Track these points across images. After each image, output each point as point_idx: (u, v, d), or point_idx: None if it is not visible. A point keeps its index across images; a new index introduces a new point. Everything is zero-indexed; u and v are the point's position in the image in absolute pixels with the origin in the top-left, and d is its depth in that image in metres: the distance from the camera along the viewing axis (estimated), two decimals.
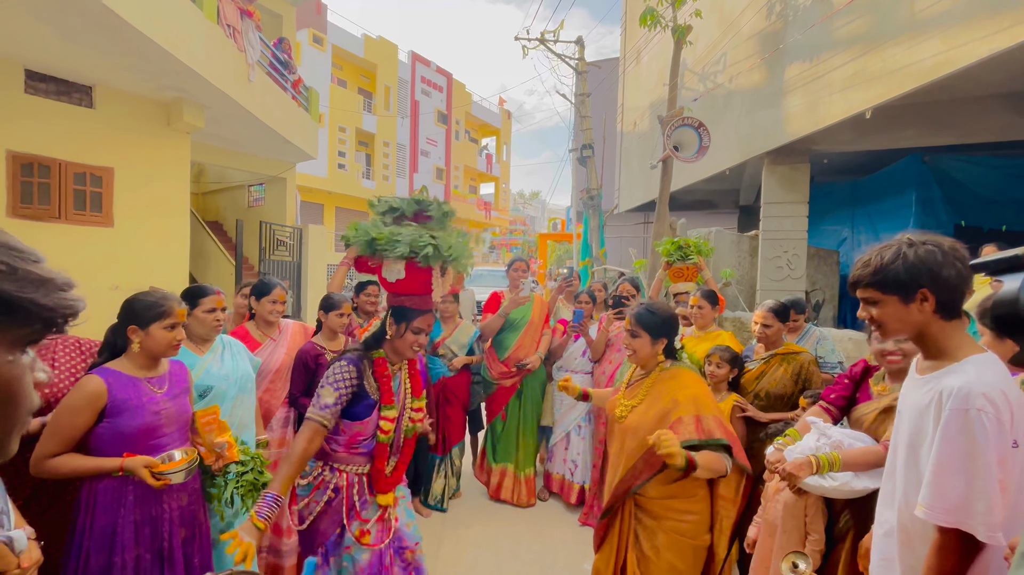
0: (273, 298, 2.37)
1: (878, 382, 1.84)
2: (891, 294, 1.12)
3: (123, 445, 1.47)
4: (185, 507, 1.60)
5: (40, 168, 5.19)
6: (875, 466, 1.62)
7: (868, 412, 1.78)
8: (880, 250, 1.16)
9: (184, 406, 1.65)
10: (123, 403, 1.48)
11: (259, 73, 6.57)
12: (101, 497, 1.46)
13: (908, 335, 1.17)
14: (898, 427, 1.23)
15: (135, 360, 1.56)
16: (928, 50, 3.96)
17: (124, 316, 1.56)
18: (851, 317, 7.82)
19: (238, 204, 10.30)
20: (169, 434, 1.57)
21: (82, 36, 4.48)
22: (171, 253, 6.16)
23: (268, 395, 2.29)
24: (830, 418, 1.87)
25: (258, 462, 1.70)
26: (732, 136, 6.83)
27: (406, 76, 21.98)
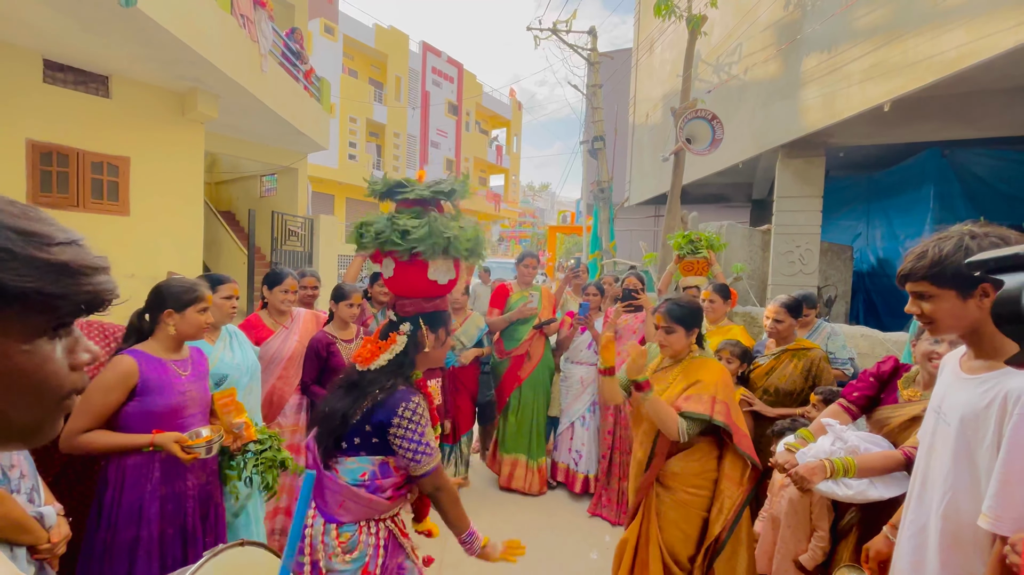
0: (284, 287, 2.41)
1: (907, 385, 1.75)
2: (948, 288, 1.07)
3: (151, 423, 1.53)
4: (203, 486, 1.66)
5: (59, 157, 5.28)
6: (891, 472, 1.57)
7: (894, 416, 1.70)
8: (937, 241, 1.10)
9: (204, 389, 1.71)
10: (153, 383, 1.54)
11: (272, 63, 6.60)
12: (130, 473, 1.51)
13: (960, 332, 1.11)
14: (935, 428, 1.16)
15: (163, 343, 1.62)
16: (951, 41, 3.86)
17: (157, 301, 1.62)
18: (864, 313, 7.72)
19: (250, 194, 10.39)
20: (192, 415, 1.63)
21: (99, 26, 4.53)
22: (185, 242, 6.25)
23: (281, 383, 2.34)
24: (849, 417, 1.81)
25: (276, 440, 1.75)
26: (746, 129, 6.74)
27: (417, 66, 21.89)
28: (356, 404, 1.39)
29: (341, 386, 1.48)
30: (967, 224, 1.12)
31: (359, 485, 1.38)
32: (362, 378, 1.43)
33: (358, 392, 1.41)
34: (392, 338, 1.45)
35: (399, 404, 1.38)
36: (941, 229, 1.14)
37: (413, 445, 1.36)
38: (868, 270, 7.75)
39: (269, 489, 1.72)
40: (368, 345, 1.47)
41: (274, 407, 2.35)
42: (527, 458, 3.50)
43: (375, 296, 3.06)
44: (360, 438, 1.38)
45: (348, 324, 2.54)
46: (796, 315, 2.57)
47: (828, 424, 1.73)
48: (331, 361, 2.38)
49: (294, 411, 2.40)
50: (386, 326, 1.50)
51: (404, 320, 1.46)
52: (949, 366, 1.21)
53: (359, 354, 1.47)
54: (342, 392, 1.45)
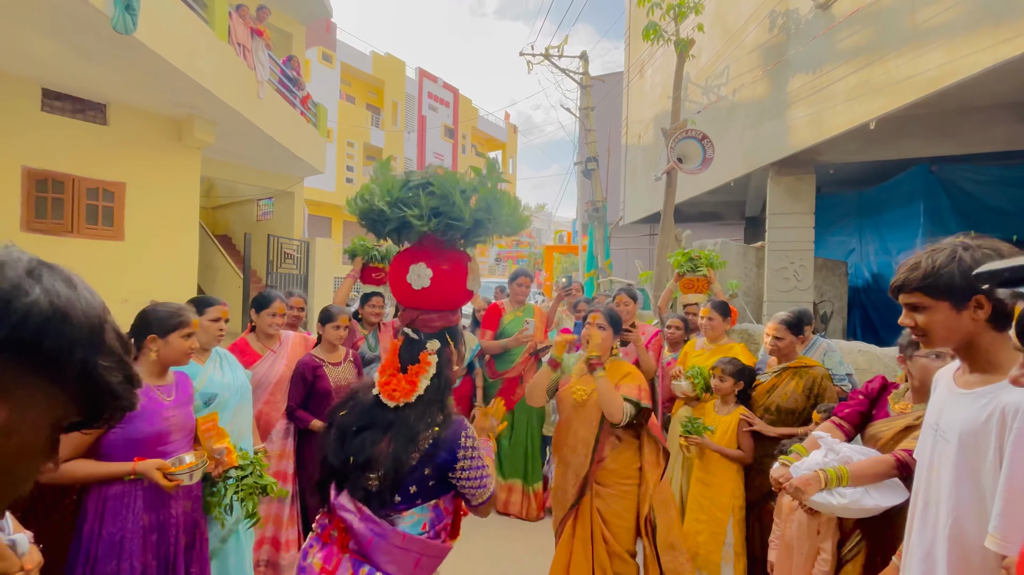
0: (272, 311, 2.39)
1: (898, 400, 1.75)
2: (942, 300, 1.06)
3: (133, 451, 1.49)
4: (188, 514, 1.61)
5: (54, 183, 5.31)
6: (884, 478, 1.56)
7: (886, 430, 1.70)
8: (930, 253, 1.09)
9: (189, 415, 1.67)
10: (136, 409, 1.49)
11: (268, 90, 6.71)
12: (111, 503, 1.46)
13: (954, 345, 1.10)
14: (934, 446, 1.13)
15: (146, 368, 1.59)
16: (931, 61, 3.96)
17: (141, 326, 1.59)
18: (861, 328, 7.71)
19: (247, 218, 10.44)
20: (176, 441, 1.59)
21: (98, 56, 4.61)
22: (180, 266, 6.24)
23: (268, 407, 2.30)
24: (843, 434, 1.80)
25: (257, 465, 1.71)
26: (736, 148, 6.84)
27: (413, 92, 22.31)
28: (409, 447, 1.18)
29: (363, 427, 1.23)
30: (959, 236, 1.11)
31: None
32: (400, 415, 1.22)
33: (404, 432, 1.20)
34: (424, 360, 1.24)
35: (459, 435, 1.22)
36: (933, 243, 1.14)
37: (478, 473, 1.23)
38: (863, 285, 7.78)
39: (251, 516, 1.67)
40: (395, 377, 1.24)
41: (260, 432, 2.30)
42: (523, 483, 3.42)
43: (366, 317, 3.04)
44: (417, 485, 1.19)
45: (336, 347, 2.50)
46: (797, 332, 2.52)
47: (820, 437, 1.72)
48: (317, 385, 2.34)
49: (281, 437, 2.35)
50: (406, 348, 1.27)
51: (430, 337, 1.27)
52: (943, 382, 1.19)
53: (391, 389, 1.23)
54: (374, 435, 1.21)
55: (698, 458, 2.57)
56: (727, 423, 2.51)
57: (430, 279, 1.22)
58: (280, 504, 2.26)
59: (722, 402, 2.58)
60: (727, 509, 2.47)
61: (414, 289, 1.24)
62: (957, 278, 1.04)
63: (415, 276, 1.22)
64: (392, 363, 1.27)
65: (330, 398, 2.32)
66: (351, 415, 1.27)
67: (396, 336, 1.35)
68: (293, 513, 2.31)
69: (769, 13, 5.99)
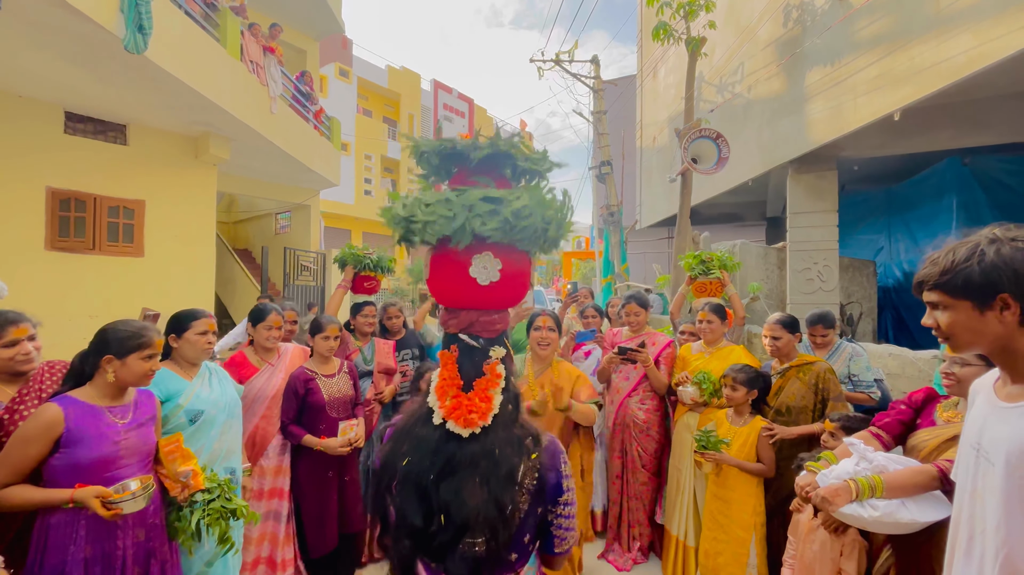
0: (268, 324, 2.35)
1: (948, 409, 1.59)
2: (961, 299, 0.95)
3: (77, 477, 1.41)
4: (141, 543, 1.50)
5: (77, 203, 5.48)
6: (924, 490, 1.39)
7: (930, 439, 1.54)
8: (956, 246, 0.99)
9: (148, 436, 1.58)
10: (80, 433, 1.42)
11: (281, 105, 6.82)
12: (52, 533, 1.38)
13: (986, 350, 0.98)
14: (976, 468, 0.99)
15: (100, 389, 1.51)
16: (958, 46, 3.74)
17: (99, 345, 1.51)
18: (893, 331, 7.34)
19: (265, 232, 10.64)
20: (129, 466, 1.50)
21: (115, 78, 4.75)
22: (198, 280, 6.36)
23: (265, 422, 2.25)
24: (880, 445, 1.64)
25: (226, 488, 1.62)
26: (753, 146, 6.63)
27: (429, 104, 22.55)
28: (510, 485, 0.93)
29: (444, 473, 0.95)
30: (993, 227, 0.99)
31: None
32: (483, 445, 0.96)
33: (496, 467, 0.94)
34: (493, 371, 1.02)
35: (558, 457, 1.01)
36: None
37: (573, 509, 1.01)
38: (894, 285, 7.41)
39: (223, 542, 1.59)
40: (462, 397, 1.00)
41: (257, 447, 2.25)
42: None
43: (359, 328, 2.96)
44: (531, 531, 0.97)
45: (328, 359, 2.43)
46: (793, 331, 2.49)
47: (851, 444, 1.56)
48: (309, 398, 2.28)
49: (277, 452, 2.30)
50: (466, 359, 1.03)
51: (492, 343, 1.05)
52: (983, 393, 1.04)
53: (465, 412, 0.98)
54: (463, 480, 0.94)
55: (714, 474, 2.42)
56: (744, 435, 2.36)
57: (499, 271, 1.01)
58: (275, 523, 2.21)
59: (736, 412, 2.43)
60: (748, 527, 2.31)
61: (480, 285, 1.01)
62: (976, 275, 0.93)
63: (481, 269, 1.02)
64: (451, 380, 1.02)
65: (324, 412, 2.26)
66: (418, 458, 0.97)
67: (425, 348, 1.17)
68: (289, 531, 2.25)
69: (783, 6, 5.81)
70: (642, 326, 2.97)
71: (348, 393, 2.41)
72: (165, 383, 1.80)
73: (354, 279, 2.93)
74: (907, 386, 4.19)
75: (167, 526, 1.59)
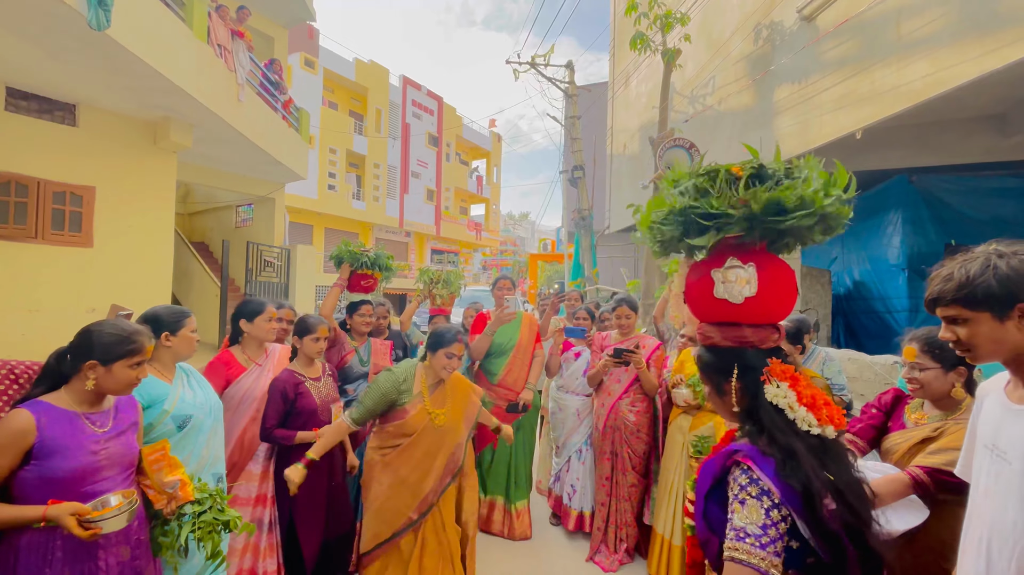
0: (267, 316, 2.25)
1: (915, 410, 1.69)
2: (981, 311, 1.01)
3: (52, 491, 1.26)
4: (127, 563, 1.36)
5: (17, 187, 5.03)
6: (899, 497, 1.46)
7: (902, 442, 1.63)
8: (963, 262, 1.05)
9: (130, 444, 1.43)
10: (54, 443, 1.28)
11: (249, 93, 6.52)
12: (23, 555, 1.24)
13: (1002, 359, 1.04)
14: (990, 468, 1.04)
15: (77, 394, 1.36)
16: (916, 72, 4.02)
17: (83, 348, 1.36)
18: (844, 336, 7.81)
19: (225, 225, 10.13)
20: (109, 478, 1.36)
21: (67, 54, 4.39)
22: (153, 274, 5.97)
23: (253, 424, 2.12)
24: (857, 451, 1.72)
25: (218, 499, 1.50)
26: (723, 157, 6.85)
27: (397, 99, 22.19)
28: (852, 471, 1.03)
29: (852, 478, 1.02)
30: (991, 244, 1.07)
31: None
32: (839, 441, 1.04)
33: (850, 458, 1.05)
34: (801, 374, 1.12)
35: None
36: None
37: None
38: (845, 293, 7.89)
39: (214, 557, 1.47)
40: (817, 398, 1.05)
41: (245, 451, 2.12)
42: (505, 501, 3.25)
43: (356, 328, 2.86)
44: None
45: (313, 361, 2.31)
46: (797, 342, 2.49)
47: None
48: (299, 402, 2.16)
49: (266, 457, 2.17)
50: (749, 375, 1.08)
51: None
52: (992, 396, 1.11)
53: (830, 416, 1.02)
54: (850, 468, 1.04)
55: None
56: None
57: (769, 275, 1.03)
58: (258, 532, 2.08)
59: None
60: None
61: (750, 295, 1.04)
62: (995, 286, 0.99)
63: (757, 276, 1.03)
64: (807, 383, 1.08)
65: (316, 416, 2.15)
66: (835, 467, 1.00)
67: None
68: (272, 541, 2.12)
69: (754, 25, 6.07)
70: (632, 329, 3.01)
71: (334, 396, 2.32)
72: (147, 388, 1.64)
73: (350, 277, 2.82)
74: (864, 388, 4.47)
75: (151, 541, 1.46)
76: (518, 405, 3.18)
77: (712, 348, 1.13)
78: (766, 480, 0.95)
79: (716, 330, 1.11)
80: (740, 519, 0.95)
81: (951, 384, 1.57)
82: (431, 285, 3.62)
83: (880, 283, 6.99)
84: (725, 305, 1.07)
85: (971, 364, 1.57)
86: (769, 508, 0.93)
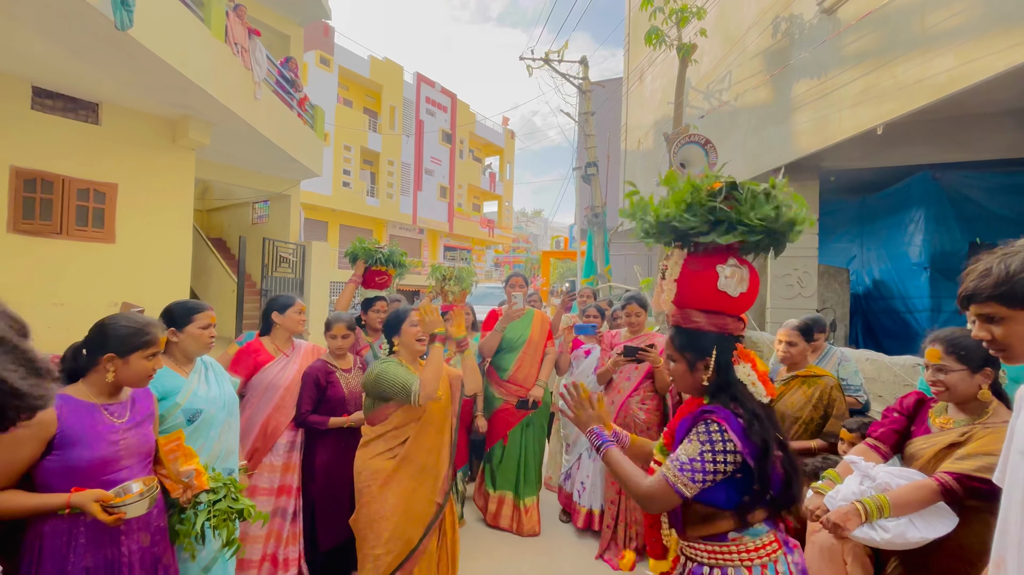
0: (298, 308, 2.40)
1: (940, 414, 1.63)
2: (1020, 309, 0.96)
3: (74, 480, 1.31)
4: (147, 549, 1.41)
5: (43, 184, 5.17)
6: (928, 504, 1.43)
7: (927, 447, 1.57)
8: (1001, 257, 0.99)
9: (147, 435, 1.48)
10: (75, 433, 1.32)
11: (265, 91, 6.60)
12: (48, 541, 1.28)
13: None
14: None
15: (95, 386, 1.41)
16: (941, 65, 3.91)
17: (98, 341, 1.41)
18: (863, 336, 7.66)
19: (242, 221, 10.29)
20: (128, 467, 1.41)
21: (90, 54, 4.49)
22: (172, 269, 6.09)
23: (278, 413, 2.21)
24: (879, 456, 1.67)
25: (232, 487, 1.54)
26: (739, 153, 6.79)
27: (411, 96, 22.28)
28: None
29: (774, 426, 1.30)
30: None
31: None
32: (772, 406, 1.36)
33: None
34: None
35: None
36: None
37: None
38: (864, 292, 7.74)
39: (229, 544, 1.52)
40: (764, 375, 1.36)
41: (268, 439, 2.19)
42: (514, 496, 3.27)
43: (370, 323, 2.92)
44: None
45: (344, 354, 2.48)
46: (809, 338, 2.47)
47: (852, 462, 1.58)
48: (330, 391, 2.30)
49: (286, 449, 2.24)
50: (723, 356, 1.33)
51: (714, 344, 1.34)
52: None
53: (771, 390, 1.33)
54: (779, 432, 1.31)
55: None
56: None
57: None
58: (281, 520, 2.15)
59: None
60: None
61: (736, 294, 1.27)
62: None
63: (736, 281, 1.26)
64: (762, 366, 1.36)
65: (344, 404, 2.29)
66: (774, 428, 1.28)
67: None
68: (295, 530, 2.19)
69: (773, 19, 5.96)
70: (642, 327, 3.00)
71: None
72: (161, 380, 1.69)
73: (365, 274, 2.87)
74: (883, 390, 4.37)
75: (169, 529, 1.51)
76: (528, 402, 3.19)
77: (691, 331, 1.32)
78: (733, 438, 1.19)
79: (703, 316, 1.30)
80: (683, 452, 1.21)
81: (977, 386, 1.52)
82: (443, 282, 3.65)
83: (901, 282, 6.84)
84: (723, 296, 1.26)
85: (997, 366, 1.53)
86: (712, 452, 1.18)
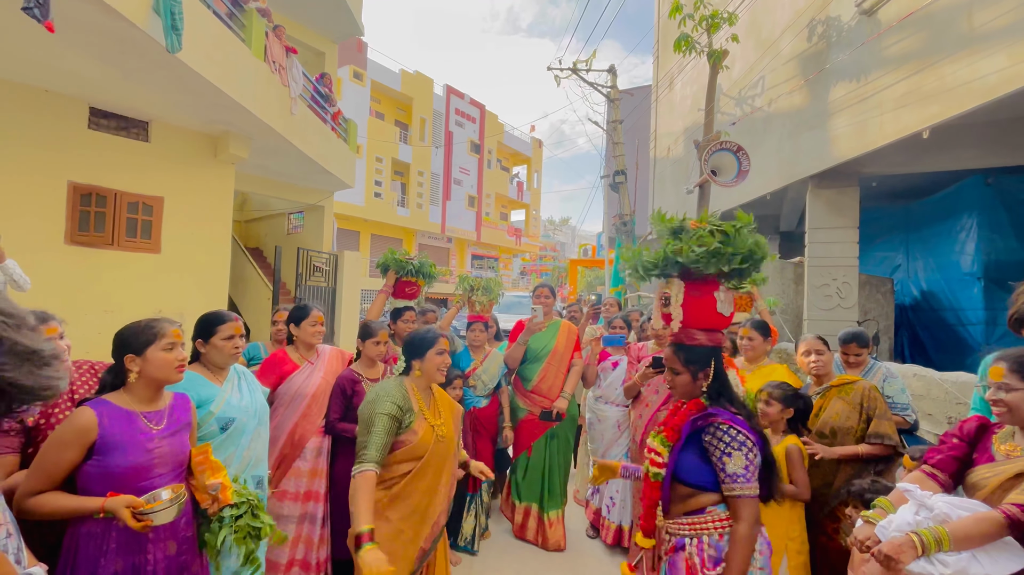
0: (312, 321, 2.39)
1: (1005, 440, 1.49)
2: None
3: (111, 485, 1.35)
4: (173, 557, 1.43)
5: (97, 198, 5.49)
6: (992, 539, 1.30)
7: (991, 476, 1.44)
8: None
9: (183, 444, 1.52)
10: (114, 439, 1.37)
11: (301, 106, 6.85)
12: (83, 543, 1.33)
13: None
14: None
15: (134, 392, 1.46)
16: (991, 66, 3.71)
17: (118, 348, 1.47)
18: (909, 350, 7.27)
19: (278, 231, 10.66)
20: (162, 475, 1.44)
21: (141, 75, 4.77)
22: (212, 278, 6.36)
23: (304, 420, 2.25)
24: (937, 485, 1.53)
25: (254, 505, 1.55)
26: (773, 160, 6.61)
27: (441, 108, 22.70)
28: None
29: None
30: None
31: None
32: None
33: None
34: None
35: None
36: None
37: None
38: (911, 303, 7.35)
39: (250, 562, 1.53)
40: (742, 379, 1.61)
41: (295, 446, 2.24)
42: (539, 509, 3.22)
43: (399, 333, 2.95)
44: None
45: (375, 363, 2.48)
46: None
47: (907, 491, 1.46)
48: (355, 400, 2.31)
49: (314, 455, 2.28)
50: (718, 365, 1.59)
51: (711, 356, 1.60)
52: None
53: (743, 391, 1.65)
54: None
55: None
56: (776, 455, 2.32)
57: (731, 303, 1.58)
58: (311, 525, 2.18)
59: (772, 431, 2.38)
60: (778, 550, 2.25)
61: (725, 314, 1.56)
62: None
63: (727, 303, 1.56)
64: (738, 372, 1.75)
65: None
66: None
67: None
68: (324, 534, 2.23)
69: (808, 22, 5.80)
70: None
71: None
72: (196, 388, 1.75)
73: (395, 284, 2.92)
74: (932, 408, 4.13)
75: (198, 537, 1.54)
76: (551, 413, 3.16)
77: (692, 347, 1.57)
78: (746, 432, 1.44)
79: (704, 334, 1.56)
80: (732, 467, 1.42)
81: None
82: (470, 292, 3.67)
83: (951, 293, 6.46)
84: (719, 317, 1.55)
85: None
86: (748, 452, 1.43)
